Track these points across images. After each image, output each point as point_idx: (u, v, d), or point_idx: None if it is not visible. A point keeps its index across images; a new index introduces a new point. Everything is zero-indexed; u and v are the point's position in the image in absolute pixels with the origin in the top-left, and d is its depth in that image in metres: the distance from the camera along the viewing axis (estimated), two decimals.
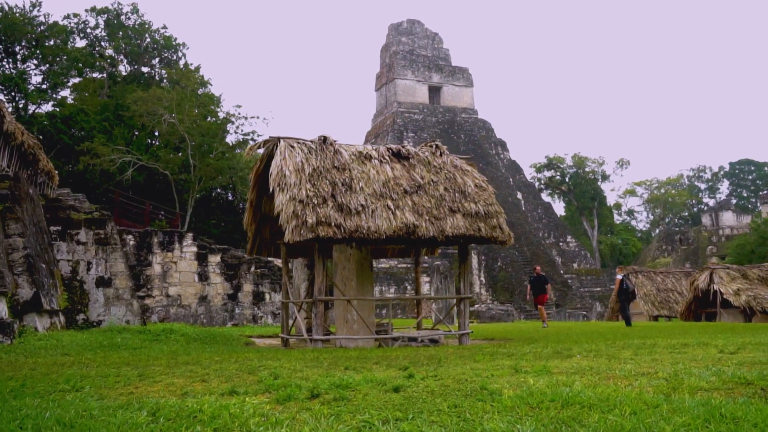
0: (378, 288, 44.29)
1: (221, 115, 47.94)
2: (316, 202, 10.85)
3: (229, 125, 47.95)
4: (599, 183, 61.81)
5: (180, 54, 52.55)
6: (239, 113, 48.33)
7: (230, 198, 50.00)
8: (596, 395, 4.11)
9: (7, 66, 44.02)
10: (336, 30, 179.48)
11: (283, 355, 8.09)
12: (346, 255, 12.44)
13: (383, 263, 41.39)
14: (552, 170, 62.60)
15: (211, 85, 53.35)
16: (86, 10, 50.25)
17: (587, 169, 61.19)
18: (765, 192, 68.43)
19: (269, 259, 20.01)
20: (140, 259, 18.44)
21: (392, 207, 11.23)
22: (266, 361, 7.09)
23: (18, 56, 44.71)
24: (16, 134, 12.29)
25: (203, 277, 19.07)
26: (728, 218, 61.46)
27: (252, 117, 50.44)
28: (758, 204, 67.18)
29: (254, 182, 12.79)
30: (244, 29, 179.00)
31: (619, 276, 17.96)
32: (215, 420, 3.82)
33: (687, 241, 61.38)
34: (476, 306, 28.30)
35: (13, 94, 43.15)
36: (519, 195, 53.66)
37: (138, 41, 50.44)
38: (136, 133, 46.37)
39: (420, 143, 60.10)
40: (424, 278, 39.54)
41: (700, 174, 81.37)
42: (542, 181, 63.46)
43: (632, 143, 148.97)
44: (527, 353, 7.54)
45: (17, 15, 42.63)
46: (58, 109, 45.89)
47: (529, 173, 63.58)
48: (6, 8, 41.74)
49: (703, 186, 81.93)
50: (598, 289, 48.86)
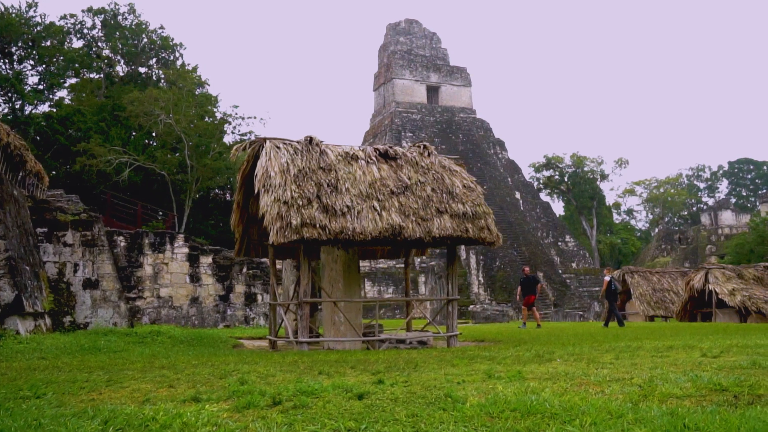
0: (377, 288, 44.17)
1: (219, 116, 47.90)
2: (301, 203, 10.74)
3: (226, 125, 47.92)
4: (598, 182, 61.68)
5: (177, 54, 52.49)
6: (236, 113, 48.34)
7: (228, 198, 49.89)
8: (561, 404, 3.99)
9: (4, 67, 43.95)
10: (335, 30, 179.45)
11: (262, 359, 7.98)
12: (333, 256, 12.34)
13: (381, 263, 41.29)
14: (551, 170, 62.47)
15: (209, 85, 53.28)
16: (83, 11, 50.25)
17: (586, 169, 61.04)
18: (764, 191, 68.31)
19: (262, 260, 19.91)
20: (131, 261, 18.34)
21: (378, 208, 11.11)
22: (242, 365, 6.98)
23: (14, 57, 44.64)
24: (1, 135, 12.19)
25: (195, 279, 18.97)
26: (727, 217, 61.29)
27: (249, 117, 50.52)
28: (757, 203, 67.00)
29: (241, 183, 12.69)
30: (243, 29, 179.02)
31: (607, 277, 18.23)
32: (165, 429, 3.71)
33: (686, 241, 61.22)
34: (471, 306, 28.17)
35: (10, 95, 43.10)
36: (517, 195, 53.52)
37: (135, 42, 50.36)
38: (134, 134, 46.30)
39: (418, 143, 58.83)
40: (421, 279, 39.37)
41: (700, 173, 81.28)
42: (541, 181, 63.32)
43: (631, 143, 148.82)
44: (508, 357, 7.43)
45: (13, 16, 42.53)
46: (55, 110, 45.85)
47: (528, 173, 63.49)
48: (2, 9, 41.63)
49: (703, 185, 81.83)
50: (597, 289, 48.68)
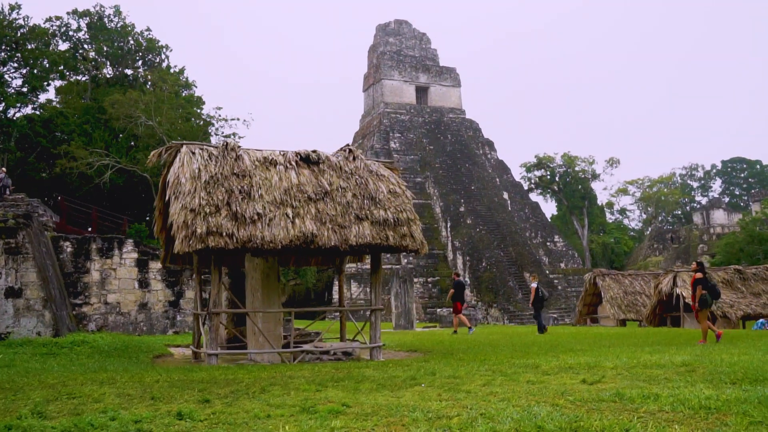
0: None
1: (204, 117, 47.65)
2: (209, 211, 10.39)
3: (210, 127, 47.63)
4: (590, 182, 61.06)
5: (163, 56, 52.22)
6: (219, 115, 48.02)
7: None
8: None
9: None
10: (327, 30, 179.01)
11: (128, 377, 7.59)
12: (254, 265, 11.99)
13: (350, 266, 40.88)
14: (542, 169, 61.91)
15: (196, 87, 52.97)
16: (68, 13, 49.95)
17: (577, 168, 60.43)
18: (756, 190, 67.55)
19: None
20: (78, 266, 18.04)
21: (291, 215, 10.74)
22: (89, 387, 6.61)
23: None
24: None
25: (144, 284, 18.65)
26: (719, 216, 60.62)
27: (232, 119, 50.13)
28: (750, 202, 66.26)
29: (161, 189, 12.34)
30: (236, 30, 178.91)
31: (534, 284, 18.18)
32: None
33: (678, 240, 60.56)
34: (439, 310, 27.79)
35: None
36: (505, 195, 53.03)
37: (121, 44, 50.17)
38: (121, 136, 46.08)
39: (407, 144, 59.72)
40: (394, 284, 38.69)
41: (693, 172, 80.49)
42: (533, 181, 62.79)
43: (623, 142, 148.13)
44: (379, 378, 7.05)
45: None
46: (39, 113, 45.68)
47: (520, 173, 62.96)
48: None
49: (696, 184, 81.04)
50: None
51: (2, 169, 25.54)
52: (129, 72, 51.26)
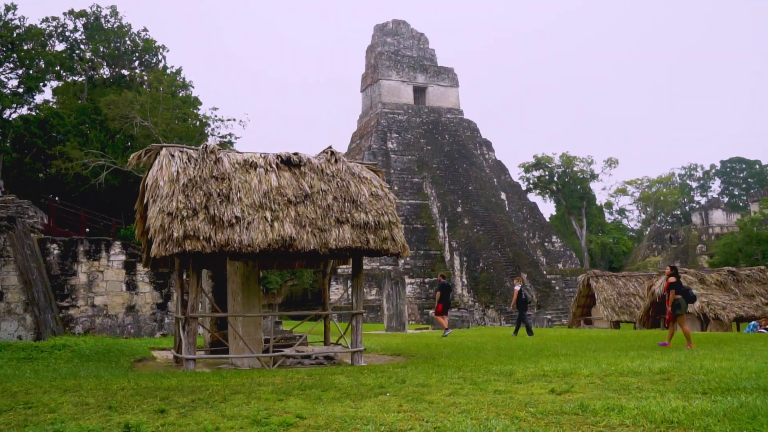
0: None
1: (201, 118, 47.53)
2: (186, 215, 10.26)
3: (207, 128, 47.51)
4: (588, 182, 60.86)
5: (160, 57, 52.17)
6: (216, 116, 47.99)
7: None
8: None
9: None
10: (325, 31, 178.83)
11: (97, 385, 7.47)
12: (234, 268, 11.87)
13: (344, 267, 40.70)
14: (540, 170, 61.73)
15: (193, 88, 52.87)
16: (64, 13, 49.95)
17: (576, 169, 60.24)
18: (755, 190, 67.25)
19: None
20: (65, 269, 17.92)
21: (270, 218, 10.60)
22: (52, 395, 6.49)
23: None
24: None
25: (131, 287, 18.53)
26: (718, 217, 60.37)
27: (229, 120, 50.06)
28: (749, 202, 66.01)
29: (142, 191, 12.20)
30: (234, 31, 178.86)
31: (518, 287, 18.16)
32: None
33: (677, 240, 60.33)
34: (431, 311, 27.57)
35: None
36: (503, 195, 52.87)
37: (118, 44, 50.11)
38: (117, 136, 45.99)
39: (404, 144, 59.48)
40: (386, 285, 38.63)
41: (692, 172, 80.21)
42: (531, 181, 62.61)
43: (622, 142, 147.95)
44: (344, 388, 6.92)
45: None
46: (34, 113, 45.63)
47: (518, 173, 62.83)
48: None
49: (695, 184, 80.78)
50: None
51: None
52: (126, 72, 51.17)
